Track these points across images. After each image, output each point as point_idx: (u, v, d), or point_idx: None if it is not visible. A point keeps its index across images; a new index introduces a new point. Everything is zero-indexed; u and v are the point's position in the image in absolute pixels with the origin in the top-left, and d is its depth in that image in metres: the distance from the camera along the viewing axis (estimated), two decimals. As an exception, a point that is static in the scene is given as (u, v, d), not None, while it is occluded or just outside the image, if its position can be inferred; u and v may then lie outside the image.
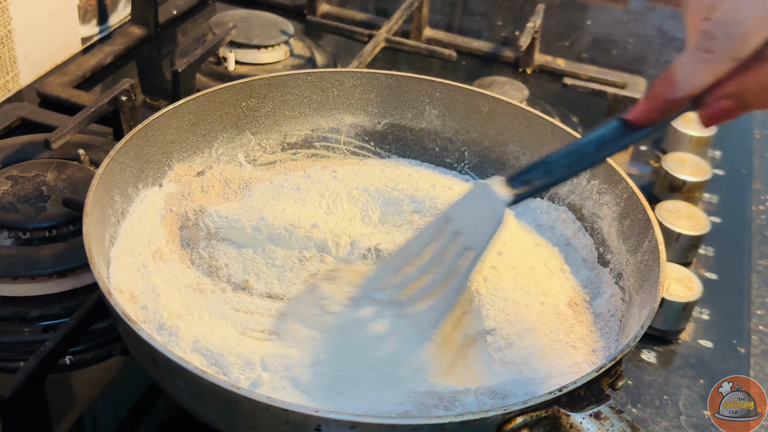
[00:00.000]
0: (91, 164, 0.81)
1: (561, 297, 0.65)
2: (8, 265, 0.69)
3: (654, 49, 1.25)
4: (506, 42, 1.20)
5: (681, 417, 0.69)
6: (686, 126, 0.97)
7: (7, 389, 0.56)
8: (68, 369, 0.67)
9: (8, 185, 0.76)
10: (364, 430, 0.47)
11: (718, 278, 0.83)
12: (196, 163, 0.74)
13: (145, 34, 1.09)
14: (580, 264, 0.70)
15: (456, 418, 0.47)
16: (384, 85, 0.80)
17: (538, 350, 0.59)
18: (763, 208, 0.95)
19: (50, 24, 0.99)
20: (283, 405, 0.47)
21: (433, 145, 0.81)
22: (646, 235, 0.64)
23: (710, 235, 0.84)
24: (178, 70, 0.88)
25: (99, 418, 0.65)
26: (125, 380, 0.67)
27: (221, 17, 1.06)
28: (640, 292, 0.62)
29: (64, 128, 0.79)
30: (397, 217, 0.72)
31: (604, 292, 0.67)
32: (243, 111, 0.76)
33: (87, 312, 0.62)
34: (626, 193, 0.68)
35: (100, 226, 0.62)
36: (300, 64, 1.05)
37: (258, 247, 0.67)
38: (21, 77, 0.97)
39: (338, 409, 0.53)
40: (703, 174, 0.91)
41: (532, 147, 0.76)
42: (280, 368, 0.56)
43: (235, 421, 0.51)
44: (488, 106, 0.78)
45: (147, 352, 0.51)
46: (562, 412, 0.49)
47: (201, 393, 0.51)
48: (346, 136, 0.81)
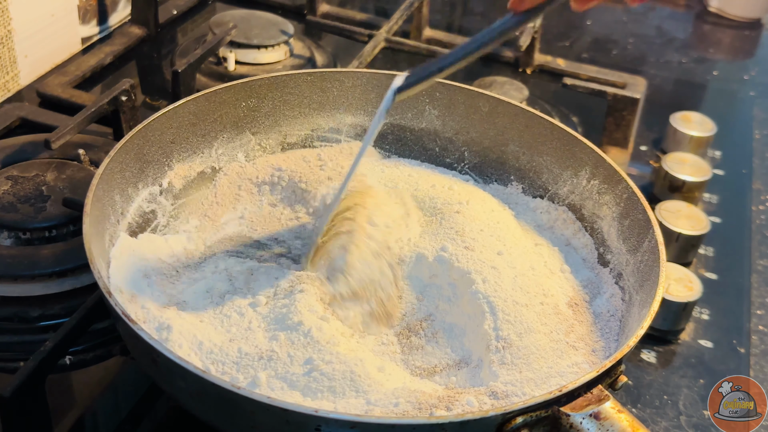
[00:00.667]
0: (91, 164, 0.81)
1: (561, 297, 0.65)
2: (8, 265, 0.69)
3: (654, 49, 1.26)
4: (506, 42, 1.20)
5: (681, 417, 0.69)
6: (686, 126, 0.97)
7: (7, 389, 0.56)
8: (68, 369, 0.67)
9: (8, 185, 0.76)
10: (364, 430, 0.47)
11: (718, 278, 0.84)
12: (196, 163, 0.74)
13: (145, 34, 1.09)
14: (580, 264, 0.70)
15: (456, 418, 0.47)
16: (384, 85, 0.79)
17: (538, 350, 0.59)
18: (763, 208, 0.95)
19: (50, 24, 0.99)
20: (283, 405, 0.47)
21: (433, 145, 0.81)
22: (646, 235, 0.64)
23: (710, 235, 0.84)
24: (178, 70, 0.88)
25: (99, 418, 0.65)
26: (125, 380, 0.67)
27: (221, 17, 1.06)
28: (640, 292, 0.62)
29: (64, 128, 0.79)
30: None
31: (604, 292, 0.67)
32: (243, 111, 0.76)
33: (87, 312, 0.62)
34: (626, 193, 0.68)
35: (100, 226, 0.62)
36: (300, 64, 1.05)
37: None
38: (21, 77, 0.97)
39: (338, 409, 0.53)
40: (703, 174, 0.91)
41: (532, 147, 0.76)
42: (278, 368, 0.56)
43: (234, 421, 0.51)
44: (488, 106, 0.78)
45: (147, 352, 0.51)
46: (562, 412, 0.49)
47: (201, 393, 0.51)
48: (346, 136, 0.81)
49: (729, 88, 1.20)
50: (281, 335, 0.58)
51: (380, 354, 0.62)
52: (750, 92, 1.18)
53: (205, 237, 0.70)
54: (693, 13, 1.38)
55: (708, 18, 1.36)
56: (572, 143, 0.73)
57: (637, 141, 1.01)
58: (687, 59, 1.24)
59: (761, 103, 1.15)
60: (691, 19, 1.37)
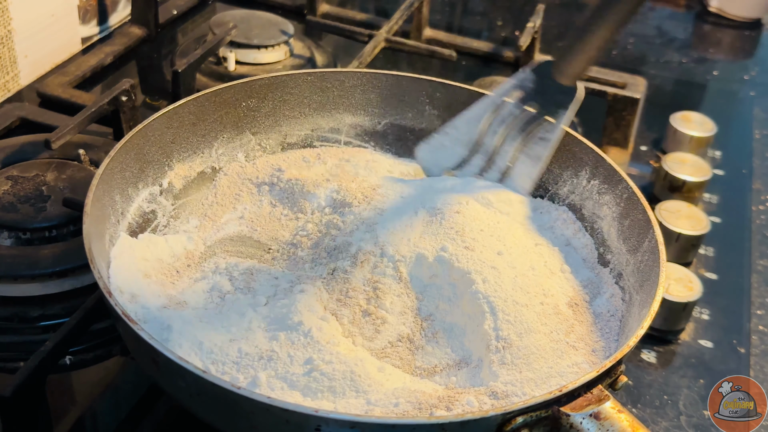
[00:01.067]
0: (91, 164, 0.81)
1: (561, 297, 0.65)
2: (8, 265, 0.69)
3: (654, 49, 1.26)
4: (506, 42, 1.20)
5: (681, 417, 0.69)
6: (686, 126, 0.97)
7: (7, 389, 0.56)
8: (68, 369, 0.67)
9: (8, 185, 0.76)
10: (364, 430, 0.47)
11: (718, 278, 0.84)
12: (196, 163, 0.74)
13: (145, 34, 1.09)
14: (580, 264, 0.70)
15: (456, 418, 0.47)
16: (384, 85, 0.80)
17: (538, 350, 0.59)
18: (763, 208, 0.95)
19: (50, 24, 0.99)
20: (283, 405, 0.47)
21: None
22: (646, 235, 0.64)
23: (710, 235, 0.84)
24: (178, 70, 0.88)
25: (99, 418, 0.65)
26: (125, 380, 0.67)
27: (221, 17, 1.06)
28: (640, 292, 0.62)
29: (64, 128, 0.79)
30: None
31: (604, 292, 0.67)
32: (243, 111, 0.76)
33: (87, 312, 0.62)
34: (626, 194, 0.68)
35: (100, 226, 0.62)
36: (300, 64, 1.05)
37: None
38: (21, 77, 0.97)
39: (338, 409, 0.53)
40: (703, 174, 0.91)
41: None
42: (278, 368, 0.56)
43: (234, 421, 0.51)
44: (488, 106, 0.78)
45: (147, 353, 0.51)
46: (562, 412, 0.49)
47: (201, 393, 0.51)
48: (346, 136, 0.81)
49: (729, 88, 1.20)
50: (281, 335, 0.58)
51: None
52: (750, 92, 1.18)
53: (205, 237, 0.70)
54: (693, 13, 1.38)
55: (708, 18, 1.36)
56: (572, 143, 0.73)
57: (637, 141, 1.01)
58: (687, 59, 1.24)
59: (761, 103, 1.15)
60: (691, 19, 1.37)
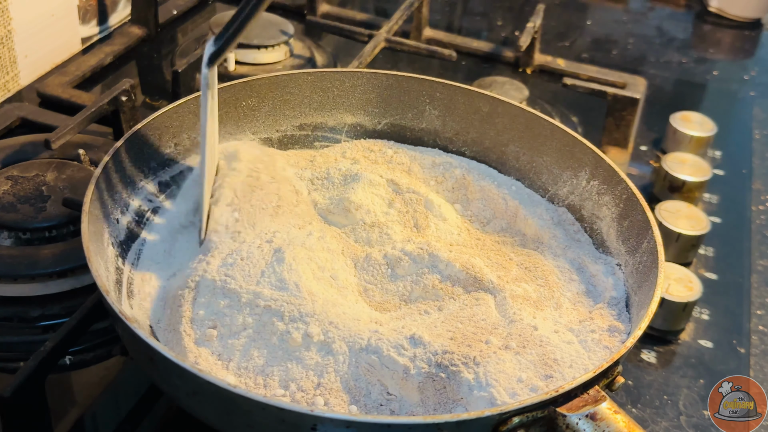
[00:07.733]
0: (91, 164, 0.81)
1: (560, 297, 0.65)
2: (8, 265, 0.69)
3: (654, 49, 1.25)
4: (506, 42, 1.20)
5: (681, 417, 0.69)
6: (686, 126, 0.97)
7: (7, 389, 0.56)
8: (68, 369, 0.67)
9: (8, 185, 0.76)
10: (359, 429, 0.47)
11: (718, 278, 0.83)
12: (196, 162, 0.74)
13: (145, 34, 1.09)
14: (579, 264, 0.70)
15: (452, 418, 0.47)
16: (384, 85, 0.80)
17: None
18: (763, 208, 0.95)
19: (50, 24, 0.99)
20: (279, 404, 0.47)
21: (433, 146, 0.81)
22: (645, 235, 0.64)
23: (710, 235, 0.84)
24: (178, 70, 0.88)
25: (99, 418, 0.65)
26: (125, 380, 0.67)
27: (221, 17, 1.06)
28: (638, 292, 0.62)
29: (64, 128, 0.79)
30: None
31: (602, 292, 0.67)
32: (243, 111, 0.77)
33: (87, 312, 0.62)
34: (625, 194, 0.68)
35: (99, 225, 0.62)
36: (300, 64, 1.05)
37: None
38: (21, 77, 0.97)
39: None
40: (703, 174, 0.91)
41: (532, 147, 0.76)
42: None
43: (231, 420, 0.51)
44: (488, 106, 0.78)
45: (144, 352, 0.51)
46: (558, 413, 0.49)
47: (197, 392, 0.51)
48: (346, 136, 0.81)
49: (729, 88, 1.20)
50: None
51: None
52: (750, 92, 1.18)
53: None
54: (693, 13, 1.38)
55: (708, 18, 1.36)
56: (572, 144, 0.73)
57: (637, 141, 1.01)
58: (687, 59, 1.24)
59: (761, 103, 1.15)
60: (691, 19, 1.37)
